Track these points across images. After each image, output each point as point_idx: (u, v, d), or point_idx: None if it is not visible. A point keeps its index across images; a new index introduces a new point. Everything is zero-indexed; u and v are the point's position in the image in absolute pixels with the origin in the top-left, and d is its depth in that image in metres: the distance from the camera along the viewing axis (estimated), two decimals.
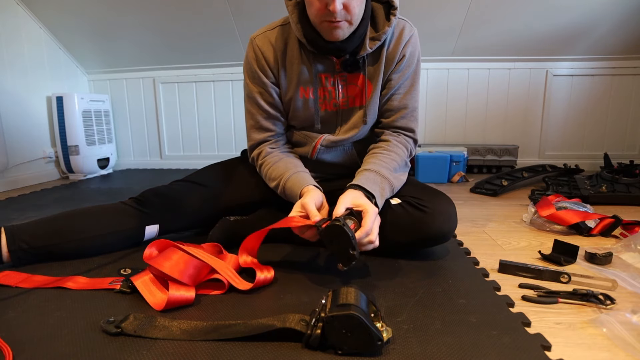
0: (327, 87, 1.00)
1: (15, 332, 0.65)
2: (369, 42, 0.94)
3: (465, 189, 1.92)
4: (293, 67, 0.98)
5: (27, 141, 2.17)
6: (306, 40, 0.93)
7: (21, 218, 1.43)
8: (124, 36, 2.36)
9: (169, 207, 1.04)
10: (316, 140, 1.04)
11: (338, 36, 0.89)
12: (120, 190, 1.99)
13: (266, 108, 1.02)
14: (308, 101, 1.01)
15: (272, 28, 0.99)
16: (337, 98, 1.00)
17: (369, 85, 0.99)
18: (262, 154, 1.03)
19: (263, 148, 1.04)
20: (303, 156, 1.07)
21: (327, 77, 0.99)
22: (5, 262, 0.91)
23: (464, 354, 0.58)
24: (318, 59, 0.96)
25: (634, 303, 0.74)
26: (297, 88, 0.99)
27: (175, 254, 0.78)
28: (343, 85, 0.99)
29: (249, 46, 1.00)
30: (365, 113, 1.00)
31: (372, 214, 0.80)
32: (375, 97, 1.00)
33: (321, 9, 0.84)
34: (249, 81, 1.02)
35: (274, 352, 0.58)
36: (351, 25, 0.88)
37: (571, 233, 1.19)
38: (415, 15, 2.07)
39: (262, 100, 1.01)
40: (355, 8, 0.85)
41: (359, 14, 0.88)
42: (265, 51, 0.98)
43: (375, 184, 0.90)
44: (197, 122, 2.64)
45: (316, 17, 0.87)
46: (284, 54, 0.98)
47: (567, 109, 2.40)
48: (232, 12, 2.13)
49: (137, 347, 0.60)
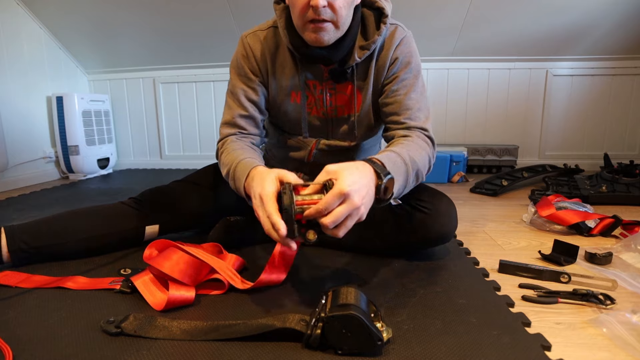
0: (316, 94, 0.97)
1: (15, 332, 0.65)
2: (358, 52, 0.90)
3: (465, 189, 1.92)
4: (285, 71, 0.96)
5: (27, 141, 2.17)
6: (293, 46, 0.90)
7: (21, 218, 1.42)
8: (124, 36, 2.36)
9: (169, 207, 1.04)
10: (311, 144, 1.03)
11: (322, 39, 0.83)
12: (120, 190, 1.99)
13: (247, 106, 0.96)
14: (298, 106, 0.99)
15: (265, 28, 0.96)
16: (324, 107, 0.98)
17: (359, 95, 0.96)
18: (225, 144, 0.94)
19: (228, 139, 0.95)
20: (299, 160, 1.07)
21: (315, 85, 0.96)
22: (5, 262, 0.91)
23: (464, 354, 0.58)
24: (306, 65, 0.93)
25: (634, 303, 0.74)
26: (288, 92, 0.97)
27: (175, 254, 0.78)
28: (332, 94, 0.96)
29: (239, 43, 0.98)
30: (354, 125, 0.98)
31: (349, 171, 0.62)
32: (365, 107, 0.97)
33: (304, 7, 0.79)
34: (235, 76, 0.98)
35: (274, 352, 0.58)
36: (337, 29, 0.83)
37: (571, 233, 1.18)
38: (415, 15, 2.08)
39: (244, 97, 0.96)
40: (341, 9, 0.80)
41: (345, 17, 0.83)
42: (255, 50, 0.95)
43: (393, 163, 0.73)
44: (197, 122, 2.64)
45: (299, 18, 0.82)
46: (274, 56, 0.96)
47: (567, 109, 2.40)
48: (232, 12, 2.13)
49: (137, 347, 0.60)
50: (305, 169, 1.09)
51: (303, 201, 0.62)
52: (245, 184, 0.77)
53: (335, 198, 0.59)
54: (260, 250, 1.03)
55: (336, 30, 0.84)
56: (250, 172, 0.76)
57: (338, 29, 0.83)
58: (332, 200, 0.59)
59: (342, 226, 0.61)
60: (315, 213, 0.60)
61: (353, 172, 0.63)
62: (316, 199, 0.62)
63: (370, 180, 0.66)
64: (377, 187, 0.67)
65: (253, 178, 0.74)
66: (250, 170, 0.77)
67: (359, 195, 0.61)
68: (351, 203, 0.60)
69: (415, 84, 0.93)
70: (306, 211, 0.60)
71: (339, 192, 0.59)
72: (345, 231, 0.62)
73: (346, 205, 0.60)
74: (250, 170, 0.77)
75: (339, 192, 0.59)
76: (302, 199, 0.62)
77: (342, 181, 0.60)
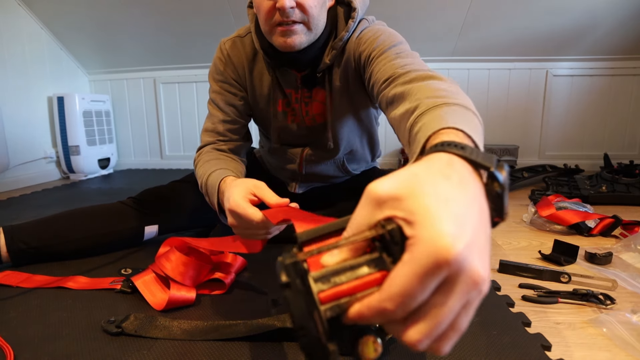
0: (292, 103, 0.92)
1: (16, 332, 0.65)
2: (327, 53, 0.83)
3: None
4: (262, 79, 0.92)
5: (28, 141, 2.17)
6: (263, 51, 0.85)
7: (22, 218, 1.43)
8: (125, 36, 2.36)
9: (169, 207, 1.04)
10: (299, 155, 1.00)
11: (293, 43, 0.75)
12: (120, 190, 1.99)
13: (226, 110, 0.93)
14: (279, 114, 0.95)
15: (243, 35, 0.92)
16: (301, 115, 0.94)
17: (331, 101, 0.89)
18: (201, 154, 0.89)
19: (204, 149, 0.91)
20: (292, 170, 1.04)
21: (290, 94, 0.91)
22: (5, 262, 0.91)
23: (464, 353, 0.58)
24: (280, 72, 0.88)
25: (634, 303, 0.74)
26: (268, 100, 0.93)
27: (174, 255, 0.78)
28: (307, 102, 0.91)
29: (217, 49, 0.94)
30: (329, 134, 0.91)
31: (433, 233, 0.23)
32: (342, 114, 0.91)
33: (269, 10, 0.73)
34: (213, 83, 0.95)
35: (274, 352, 0.58)
36: (310, 30, 0.76)
37: (571, 233, 1.18)
38: (415, 16, 2.09)
39: (223, 102, 0.93)
40: (312, 8, 0.73)
41: (317, 17, 0.76)
42: (233, 56, 0.92)
43: (473, 126, 0.40)
44: (197, 122, 2.64)
45: (266, 22, 0.75)
46: (252, 64, 0.91)
47: (567, 109, 2.39)
48: (232, 12, 2.13)
49: (138, 347, 0.60)
50: (299, 179, 1.06)
51: (335, 286, 0.26)
52: (219, 200, 0.73)
53: (424, 273, 0.23)
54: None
55: (309, 32, 0.77)
56: (220, 187, 0.72)
57: (310, 30, 0.77)
58: (415, 281, 0.23)
59: (450, 334, 0.25)
60: (377, 315, 0.25)
61: (442, 191, 0.25)
62: (367, 276, 0.26)
63: (480, 197, 0.28)
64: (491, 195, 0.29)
65: (223, 193, 0.70)
66: (220, 184, 0.72)
67: (479, 251, 0.24)
68: (468, 277, 0.23)
69: (400, 50, 0.73)
70: (351, 309, 0.25)
71: (434, 260, 0.22)
72: (454, 341, 0.26)
73: (458, 285, 0.23)
74: (220, 184, 0.72)
75: (434, 260, 0.22)
76: (331, 277, 0.26)
77: (434, 225, 0.23)
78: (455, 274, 0.23)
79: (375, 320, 0.25)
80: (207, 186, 0.76)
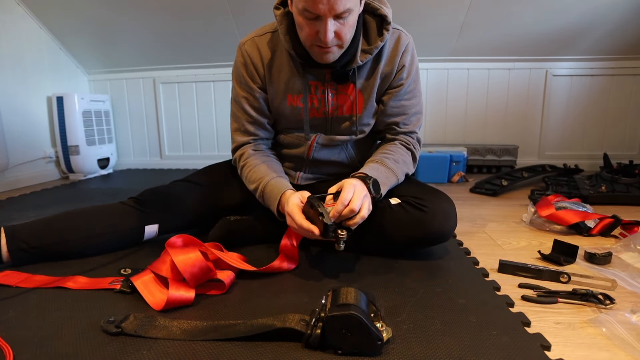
0: (317, 95, 0.99)
1: (15, 332, 0.65)
2: (360, 55, 0.93)
3: (465, 189, 1.92)
4: (281, 75, 0.98)
5: (27, 141, 2.17)
6: (296, 53, 0.93)
7: (21, 218, 1.43)
8: (124, 36, 2.36)
9: (169, 206, 1.04)
10: (311, 139, 1.04)
11: (328, 60, 0.89)
12: (120, 190, 1.99)
13: (251, 113, 1.02)
14: (296, 109, 1.01)
15: (262, 34, 0.99)
16: (326, 106, 1.00)
17: (360, 96, 0.99)
18: (244, 156, 1.03)
19: (245, 150, 1.04)
20: (299, 156, 1.07)
21: (317, 86, 0.99)
22: (5, 262, 0.91)
23: (463, 354, 0.58)
24: (307, 68, 0.96)
25: (633, 303, 0.74)
26: (284, 96, 1.00)
27: (168, 257, 0.77)
28: (333, 94, 0.99)
29: (238, 51, 1.01)
30: (355, 124, 1.01)
31: (349, 186, 0.80)
32: (368, 108, 1.01)
33: (311, 34, 0.84)
34: (236, 85, 1.03)
35: (274, 352, 0.58)
36: (342, 48, 0.88)
37: (571, 233, 1.19)
38: (415, 15, 2.08)
39: (247, 105, 1.02)
40: (346, 35, 0.85)
41: (350, 37, 0.87)
42: (254, 57, 0.98)
43: (377, 170, 0.93)
44: (197, 122, 2.64)
45: (306, 40, 0.86)
46: (271, 62, 0.98)
47: (566, 109, 2.40)
48: (232, 12, 2.13)
49: (138, 347, 0.60)
50: (304, 166, 1.10)
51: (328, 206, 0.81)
52: (279, 208, 0.90)
53: (350, 192, 0.80)
54: (260, 249, 1.04)
55: (340, 50, 0.89)
56: (282, 199, 0.90)
57: (342, 48, 0.88)
58: (349, 194, 0.80)
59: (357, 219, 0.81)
60: (339, 205, 0.78)
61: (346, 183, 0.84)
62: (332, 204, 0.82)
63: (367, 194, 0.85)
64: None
65: (284, 204, 0.87)
66: (281, 197, 0.90)
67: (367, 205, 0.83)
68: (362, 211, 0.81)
69: (415, 89, 1.03)
70: (344, 212, 0.79)
71: (351, 188, 0.81)
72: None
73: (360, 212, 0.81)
74: (281, 196, 0.90)
75: (351, 188, 0.81)
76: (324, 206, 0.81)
77: (345, 186, 0.82)
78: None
79: (341, 219, 0.80)
80: (265, 194, 0.94)
